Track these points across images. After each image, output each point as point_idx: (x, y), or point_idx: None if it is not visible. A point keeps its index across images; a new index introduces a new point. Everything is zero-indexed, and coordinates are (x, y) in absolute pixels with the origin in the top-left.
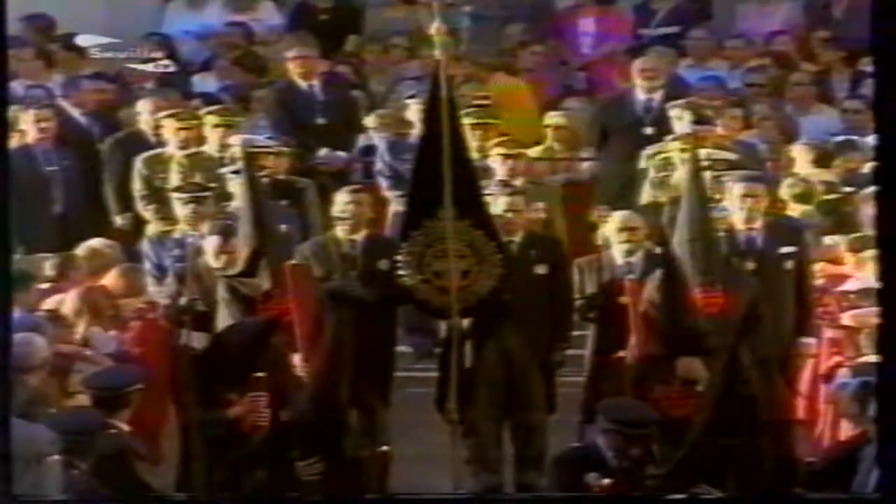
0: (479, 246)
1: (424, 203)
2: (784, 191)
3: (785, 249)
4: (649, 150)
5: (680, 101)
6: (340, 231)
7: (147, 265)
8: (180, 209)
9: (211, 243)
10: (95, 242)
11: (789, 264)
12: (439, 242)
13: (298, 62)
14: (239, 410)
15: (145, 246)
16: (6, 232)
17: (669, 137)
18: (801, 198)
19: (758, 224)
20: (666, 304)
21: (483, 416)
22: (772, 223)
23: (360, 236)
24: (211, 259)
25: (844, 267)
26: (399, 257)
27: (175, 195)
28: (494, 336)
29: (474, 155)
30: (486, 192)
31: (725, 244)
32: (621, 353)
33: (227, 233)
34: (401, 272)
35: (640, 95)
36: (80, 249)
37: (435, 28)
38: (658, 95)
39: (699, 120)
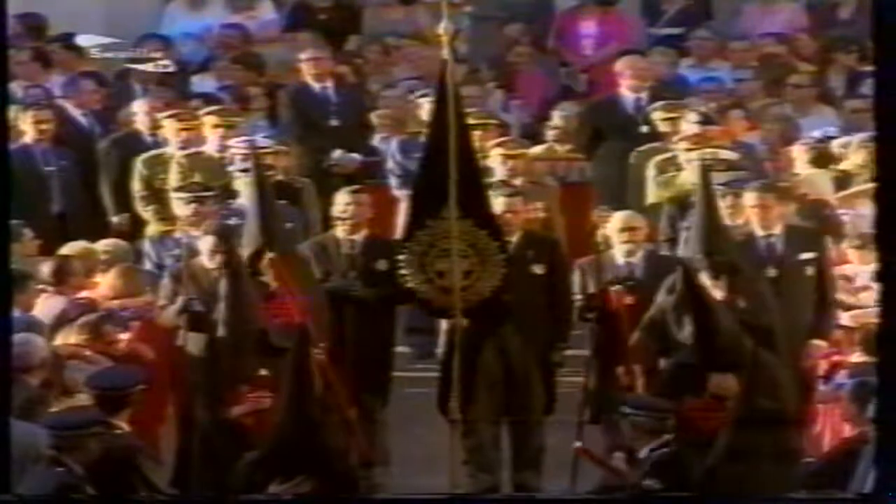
0: (482, 246)
1: (429, 202)
2: None
3: (805, 255)
4: (646, 148)
5: (659, 104)
6: (341, 231)
7: (147, 265)
8: (181, 209)
9: (206, 243)
10: (94, 243)
11: (809, 270)
12: (442, 242)
13: (312, 64)
14: (242, 409)
15: (146, 246)
16: (6, 232)
17: (676, 137)
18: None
19: (777, 230)
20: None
21: (481, 416)
22: (791, 229)
23: (360, 236)
24: (206, 259)
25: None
26: (402, 256)
27: (176, 195)
28: (494, 336)
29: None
30: (489, 191)
31: (740, 254)
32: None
33: (221, 233)
34: (403, 271)
35: (629, 95)
36: (77, 251)
37: (442, 28)
38: (645, 94)
39: (702, 120)
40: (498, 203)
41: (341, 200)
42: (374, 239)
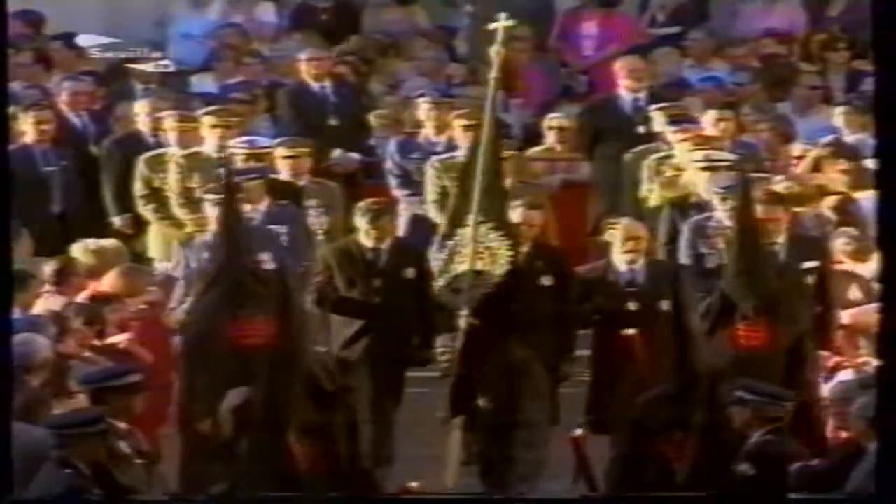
0: (493, 249)
1: (459, 213)
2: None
3: (807, 264)
4: (640, 149)
5: (659, 105)
6: (364, 238)
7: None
8: (211, 210)
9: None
10: (93, 243)
11: (810, 279)
12: (462, 247)
13: (312, 63)
14: None
15: (178, 250)
16: (6, 232)
17: (677, 137)
18: (798, 199)
19: (780, 239)
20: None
21: (486, 418)
22: (794, 237)
23: (385, 244)
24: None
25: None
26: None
27: (206, 196)
28: (501, 340)
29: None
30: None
31: (776, 276)
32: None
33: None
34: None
35: (627, 96)
36: (78, 251)
37: (494, 51)
38: (643, 95)
39: (678, 119)
40: (516, 214)
41: (363, 223)
42: (400, 245)
